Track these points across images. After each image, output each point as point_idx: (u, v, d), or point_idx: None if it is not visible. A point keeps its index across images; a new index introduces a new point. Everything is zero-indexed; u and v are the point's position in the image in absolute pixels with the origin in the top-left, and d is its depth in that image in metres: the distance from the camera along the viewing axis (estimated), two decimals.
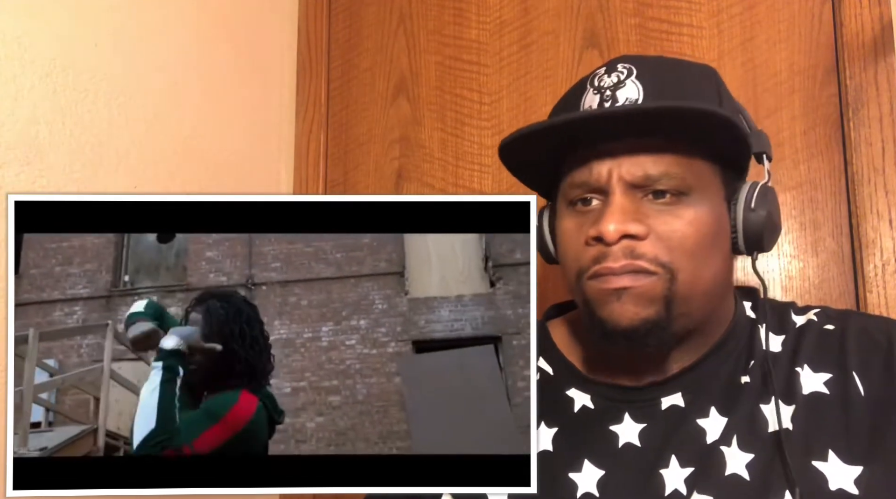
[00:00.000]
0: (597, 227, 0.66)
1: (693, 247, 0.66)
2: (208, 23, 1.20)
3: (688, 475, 0.67)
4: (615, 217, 0.65)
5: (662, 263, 0.65)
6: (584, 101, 0.71)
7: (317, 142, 1.39)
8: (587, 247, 0.67)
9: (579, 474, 0.69)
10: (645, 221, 0.66)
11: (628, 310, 0.65)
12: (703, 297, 0.68)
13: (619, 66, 0.70)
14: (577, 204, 0.70)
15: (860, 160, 1.04)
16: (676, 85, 0.70)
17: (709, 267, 0.68)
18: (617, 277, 0.65)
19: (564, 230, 0.71)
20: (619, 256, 0.65)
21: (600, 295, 0.67)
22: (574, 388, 0.75)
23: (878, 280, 1.01)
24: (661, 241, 0.66)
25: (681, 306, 0.66)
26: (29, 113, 0.88)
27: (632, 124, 0.66)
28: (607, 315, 0.66)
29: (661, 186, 0.66)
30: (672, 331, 0.67)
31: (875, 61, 1.05)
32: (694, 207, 0.67)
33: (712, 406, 0.70)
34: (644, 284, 0.65)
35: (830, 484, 0.63)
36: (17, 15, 0.88)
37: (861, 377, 0.67)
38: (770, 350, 0.72)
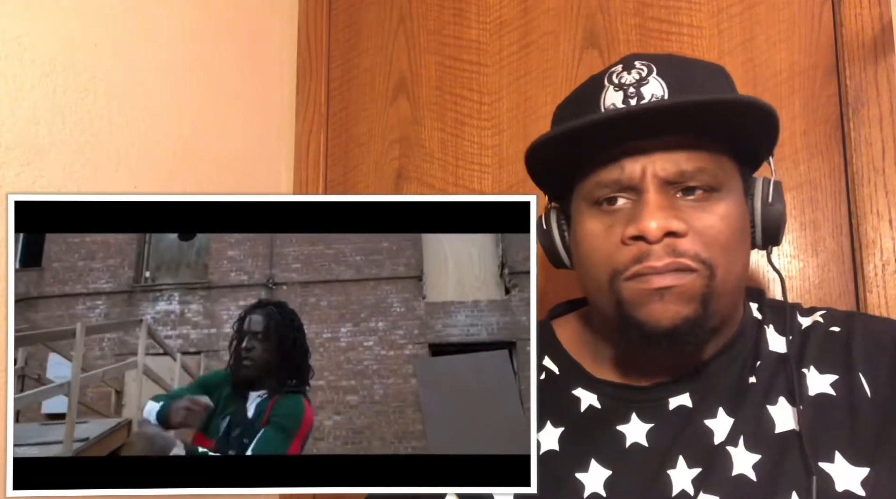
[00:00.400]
0: (636, 225, 0.65)
1: (727, 242, 0.66)
2: (208, 23, 1.20)
3: (695, 476, 0.66)
4: (655, 214, 0.64)
5: (703, 260, 0.65)
6: (604, 98, 0.69)
7: (317, 142, 1.39)
8: (624, 247, 0.66)
9: (586, 473, 0.69)
10: (683, 218, 0.65)
11: (670, 309, 0.64)
12: (734, 292, 0.69)
13: (638, 64, 0.69)
14: (602, 204, 0.68)
15: (860, 160, 1.04)
16: (695, 81, 0.70)
17: (739, 262, 0.68)
18: (660, 276, 0.64)
19: (589, 231, 0.69)
20: (662, 254, 0.64)
21: (640, 296, 0.65)
22: (581, 387, 0.75)
23: (878, 280, 1.01)
24: (699, 237, 0.65)
25: (716, 303, 0.66)
26: (29, 113, 0.88)
27: (666, 120, 0.65)
28: (647, 316, 0.65)
29: (694, 183, 0.66)
30: (708, 328, 0.67)
31: (875, 61, 1.05)
32: (724, 203, 0.67)
33: (720, 407, 0.70)
34: (686, 283, 0.64)
35: (837, 485, 0.63)
36: (17, 15, 0.88)
37: (867, 379, 0.67)
38: (775, 352, 0.72)
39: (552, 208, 0.78)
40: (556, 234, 0.76)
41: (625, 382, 0.74)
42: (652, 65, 0.69)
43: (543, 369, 0.78)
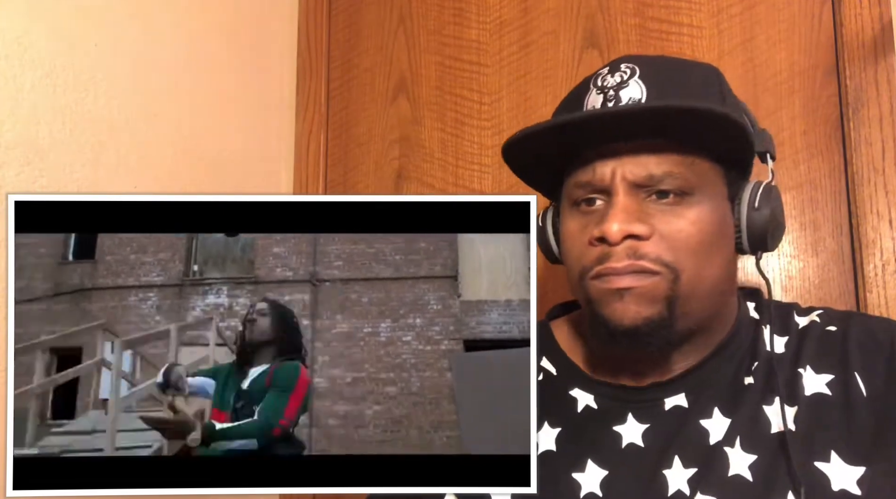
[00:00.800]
0: (600, 227, 0.66)
1: (696, 246, 0.66)
2: (208, 23, 1.20)
3: (691, 476, 0.66)
4: (618, 217, 0.65)
5: (665, 263, 0.65)
6: (587, 101, 0.71)
7: (317, 142, 1.39)
8: (591, 247, 0.67)
9: (583, 474, 0.69)
10: (648, 221, 0.66)
11: (630, 309, 0.65)
12: (707, 296, 0.68)
13: (623, 66, 0.70)
14: (580, 204, 0.70)
15: (860, 160, 1.04)
16: (679, 84, 0.70)
17: (712, 267, 0.68)
18: (619, 277, 0.65)
19: (568, 231, 0.71)
20: (623, 256, 0.65)
21: (603, 295, 0.67)
22: (577, 388, 0.75)
23: (878, 280, 1.01)
24: (665, 240, 0.66)
25: (683, 306, 0.66)
26: (29, 113, 0.88)
27: (635, 124, 0.66)
28: (609, 314, 0.66)
29: (665, 186, 0.66)
30: (675, 330, 0.67)
31: (875, 61, 1.05)
32: (697, 207, 0.67)
33: (715, 407, 0.70)
34: (647, 284, 0.65)
35: (833, 485, 0.63)
36: (17, 15, 0.88)
37: (863, 378, 0.67)
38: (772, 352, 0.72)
39: (550, 206, 0.79)
40: (549, 230, 0.77)
41: (621, 382, 0.74)
42: (636, 67, 0.70)
43: (541, 370, 0.78)
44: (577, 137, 0.68)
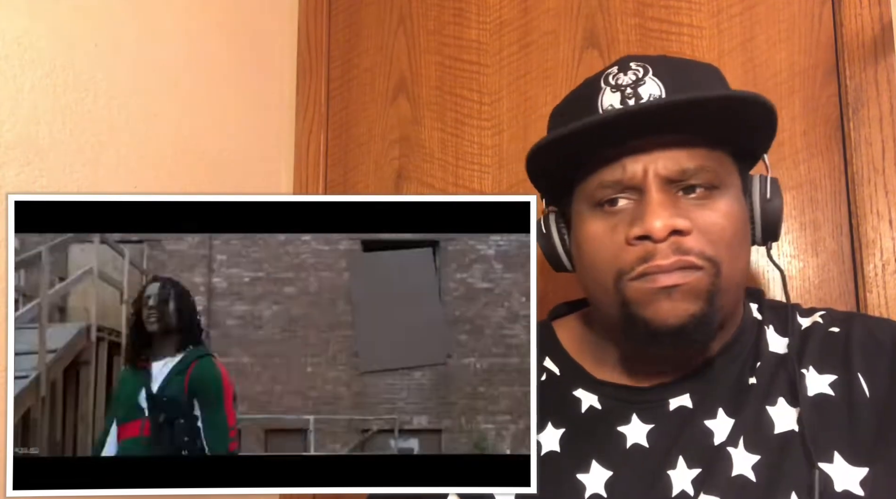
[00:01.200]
0: (641, 225, 0.65)
1: (731, 239, 0.67)
2: (208, 23, 1.19)
3: (695, 476, 0.66)
4: (660, 213, 0.64)
5: (708, 257, 0.65)
6: (601, 100, 0.70)
7: (317, 142, 1.39)
8: (629, 247, 0.66)
9: (587, 474, 0.69)
10: (687, 216, 0.65)
11: (678, 307, 0.64)
12: (737, 289, 0.69)
13: (633, 65, 0.70)
14: (603, 205, 0.69)
15: (860, 160, 1.04)
16: (691, 80, 0.70)
17: (742, 258, 0.69)
18: (667, 274, 0.64)
19: (592, 233, 0.69)
20: (668, 252, 0.64)
21: (646, 295, 0.65)
22: (581, 388, 0.75)
23: (878, 280, 1.01)
24: (704, 235, 0.65)
25: (721, 300, 0.66)
26: (29, 113, 0.88)
27: (665, 119, 0.66)
28: (653, 315, 0.65)
29: (695, 181, 0.66)
30: (714, 325, 0.67)
31: (875, 61, 1.05)
32: (725, 200, 0.67)
33: (720, 407, 0.70)
34: (692, 280, 0.65)
35: (836, 485, 0.63)
36: (17, 15, 0.88)
37: (866, 379, 0.67)
38: (775, 352, 0.72)
39: (551, 212, 0.78)
40: (556, 237, 0.76)
41: (625, 383, 0.74)
42: (647, 66, 0.70)
43: (544, 371, 0.78)
44: (603, 137, 0.67)
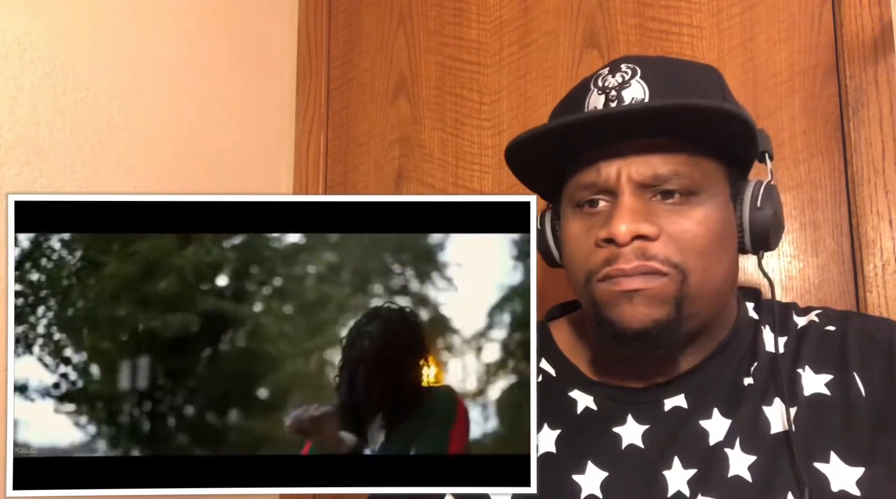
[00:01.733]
0: (608, 228, 0.65)
1: (704, 247, 0.66)
2: (208, 23, 1.20)
3: (691, 477, 0.66)
4: (626, 218, 0.64)
5: (674, 264, 0.65)
6: (588, 101, 0.70)
7: (317, 142, 1.39)
8: (597, 249, 0.67)
9: (583, 475, 0.69)
10: (655, 222, 0.65)
11: (640, 311, 0.65)
12: (713, 297, 0.68)
13: (623, 67, 0.70)
14: (583, 206, 0.69)
15: (860, 160, 1.04)
16: (681, 84, 0.70)
17: (718, 267, 0.68)
18: (629, 278, 0.65)
19: (571, 233, 0.70)
20: (631, 257, 0.65)
21: (611, 297, 0.66)
22: (577, 389, 0.75)
23: (878, 280, 1.01)
24: (672, 241, 0.65)
25: (691, 307, 0.66)
26: (29, 113, 0.88)
27: (640, 124, 0.66)
28: (618, 317, 0.66)
29: (670, 186, 0.66)
30: (683, 332, 0.67)
31: (875, 61, 1.05)
32: (703, 207, 0.66)
33: (715, 408, 0.69)
34: (656, 286, 0.64)
35: (832, 485, 0.63)
36: (17, 15, 0.88)
37: (862, 378, 0.67)
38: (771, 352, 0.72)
39: (548, 209, 0.78)
40: (549, 233, 0.77)
41: (620, 384, 0.74)
42: (637, 68, 0.69)
43: (540, 372, 0.78)
44: (580, 138, 0.67)
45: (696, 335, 0.70)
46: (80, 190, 0.93)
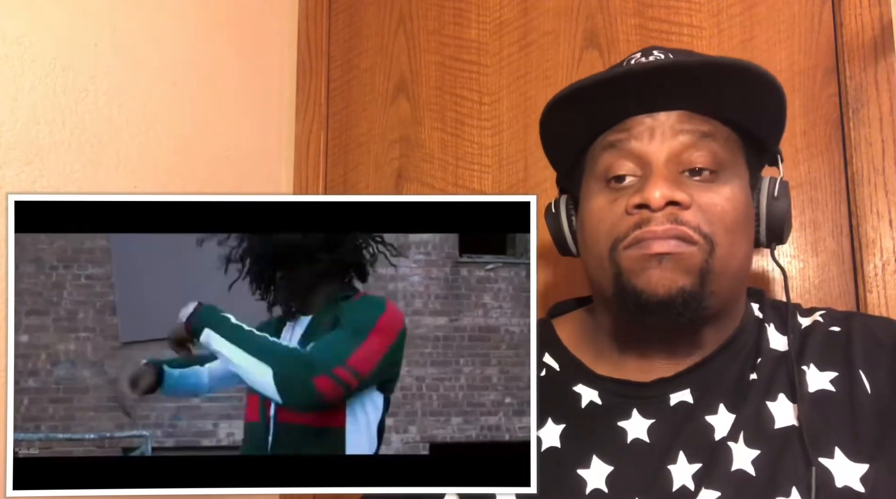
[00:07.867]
0: (641, 194, 0.67)
1: (731, 223, 0.68)
2: (208, 23, 1.19)
3: (695, 471, 0.67)
4: (660, 184, 0.66)
5: (704, 234, 0.66)
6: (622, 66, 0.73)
7: (317, 142, 1.39)
8: (626, 216, 0.68)
9: (588, 470, 0.69)
10: (688, 192, 0.67)
11: (667, 277, 0.65)
12: (733, 277, 0.69)
13: (656, 52, 0.72)
14: (610, 182, 0.71)
15: (860, 160, 1.04)
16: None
17: (741, 246, 0.69)
18: (661, 241, 0.65)
19: (596, 207, 0.71)
20: (663, 220, 0.66)
21: (638, 262, 0.67)
22: (581, 384, 0.75)
23: (878, 280, 1.01)
24: (702, 212, 0.67)
25: (714, 282, 0.67)
26: (29, 113, 0.88)
27: (678, 81, 0.67)
28: (644, 284, 0.66)
29: (700, 163, 0.68)
30: (704, 306, 0.67)
31: (875, 61, 1.05)
32: (729, 185, 0.69)
33: (720, 403, 0.70)
34: (684, 252, 0.65)
35: (836, 481, 0.63)
36: (17, 15, 0.88)
37: (867, 376, 0.67)
38: (776, 349, 0.72)
39: (563, 196, 0.80)
40: (563, 219, 0.78)
41: (626, 378, 0.74)
42: (670, 54, 0.72)
43: (544, 366, 0.78)
44: (618, 101, 0.69)
45: (711, 319, 0.70)
46: (80, 190, 0.93)
